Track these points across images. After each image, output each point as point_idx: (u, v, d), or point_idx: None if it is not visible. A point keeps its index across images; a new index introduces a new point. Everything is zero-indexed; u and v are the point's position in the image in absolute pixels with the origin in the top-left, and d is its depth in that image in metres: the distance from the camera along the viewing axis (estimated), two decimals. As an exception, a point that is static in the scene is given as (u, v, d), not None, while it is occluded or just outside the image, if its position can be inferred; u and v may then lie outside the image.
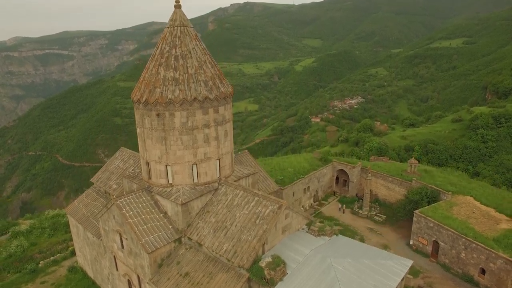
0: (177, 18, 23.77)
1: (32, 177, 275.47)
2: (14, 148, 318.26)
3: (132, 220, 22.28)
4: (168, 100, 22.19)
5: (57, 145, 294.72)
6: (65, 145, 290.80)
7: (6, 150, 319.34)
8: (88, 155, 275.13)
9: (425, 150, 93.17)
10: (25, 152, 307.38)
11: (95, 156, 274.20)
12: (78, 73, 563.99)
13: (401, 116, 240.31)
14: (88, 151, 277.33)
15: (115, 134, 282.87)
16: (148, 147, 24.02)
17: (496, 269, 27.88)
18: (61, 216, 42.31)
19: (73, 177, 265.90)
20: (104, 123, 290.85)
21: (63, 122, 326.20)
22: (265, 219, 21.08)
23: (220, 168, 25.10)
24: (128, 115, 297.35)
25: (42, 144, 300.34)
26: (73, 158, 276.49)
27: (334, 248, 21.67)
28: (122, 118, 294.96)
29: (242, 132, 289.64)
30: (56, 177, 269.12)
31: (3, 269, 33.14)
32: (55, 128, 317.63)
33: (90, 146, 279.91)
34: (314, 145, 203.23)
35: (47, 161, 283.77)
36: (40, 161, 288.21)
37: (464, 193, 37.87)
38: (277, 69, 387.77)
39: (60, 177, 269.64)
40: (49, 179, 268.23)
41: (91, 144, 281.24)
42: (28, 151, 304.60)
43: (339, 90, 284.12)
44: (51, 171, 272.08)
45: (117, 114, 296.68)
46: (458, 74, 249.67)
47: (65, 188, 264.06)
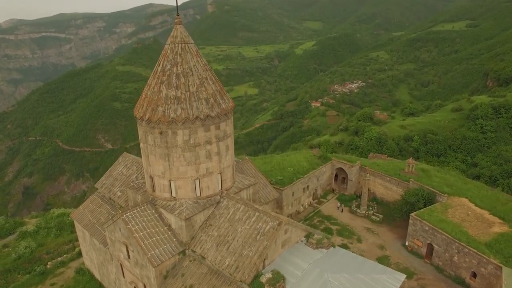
0: (177, 34, 23.90)
1: (33, 162, 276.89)
2: (14, 133, 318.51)
3: (138, 235, 23.18)
4: (171, 119, 22.67)
5: (57, 130, 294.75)
6: (65, 130, 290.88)
7: (6, 135, 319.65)
8: (88, 140, 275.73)
9: (424, 140, 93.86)
10: (25, 137, 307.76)
11: (95, 141, 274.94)
12: (76, 56, 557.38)
13: (401, 101, 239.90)
14: (88, 136, 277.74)
15: (114, 119, 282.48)
16: (151, 162, 24.66)
17: (487, 273, 29.08)
18: (66, 216, 43.40)
19: (74, 162, 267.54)
20: (104, 108, 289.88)
21: (63, 107, 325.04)
22: (266, 235, 21.97)
23: (221, 181, 25.84)
24: (127, 100, 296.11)
25: (42, 129, 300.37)
26: (73, 143, 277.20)
27: (331, 261, 22.67)
28: (122, 103, 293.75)
29: (242, 117, 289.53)
30: (56, 162, 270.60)
31: (14, 270, 34.43)
32: (54, 113, 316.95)
33: (90, 131, 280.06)
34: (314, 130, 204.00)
35: (47, 146, 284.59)
36: (40, 146, 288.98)
37: (459, 194, 38.80)
38: (277, 52, 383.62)
39: (61, 162, 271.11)
40: (50, 164, 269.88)
41: (91, 129, 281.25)
42: (28, 136, 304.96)
43: (339, 74, 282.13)
44: (52, 156, 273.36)
45: (116, 99, 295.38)
46: (460, 58, 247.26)
47: (66, 173, 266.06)
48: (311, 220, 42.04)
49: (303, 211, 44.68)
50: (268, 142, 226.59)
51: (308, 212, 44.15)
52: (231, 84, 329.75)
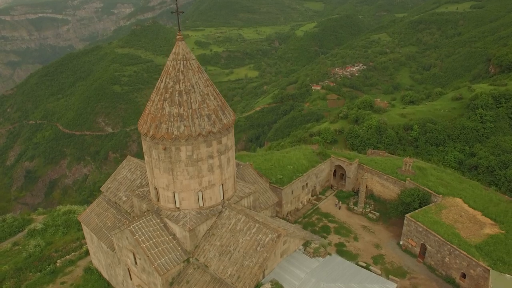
0: (179, 51, 24.35)
1: (34, 146, 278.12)
2: (14, 116, 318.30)
3: (145, 244, 24.45)
4: (174, 136, 23.47)
5: (57, 113, 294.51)
6: (65, 114, 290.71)
7: (6, 119, 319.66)
8: (89, 123, 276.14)
9: (423, 130, 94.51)
10: (25, 120, 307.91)
11: (96, 125, 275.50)
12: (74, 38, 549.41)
13: (403, 85, 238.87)
14: (88, 120, 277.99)
15: (114, 102, 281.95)
16: (156, 175, 25.64)
17: (476, 275, 30.60)
18: (72, 213, 44.84)
19: (75, 146, 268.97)
20: (103, 91, 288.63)
21: (62, 90, 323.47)
22: (265, 247, 23.22)
23: (223, 191, 26.90)
24: (127, 83, 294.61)
25: (42, 112, 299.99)
26: (73, 126, 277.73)
27: (327, 270, 24.04)
28: (121, 86, 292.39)
29: (242, 100, 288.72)
30: (57, 146, 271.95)
31: (25, 269, 36.08)
32: (54, 97, 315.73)
33: (90, 115, 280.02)
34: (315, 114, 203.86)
35: (48, 130, 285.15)
36: (41, 130, 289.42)
37: (454, 194, 39.97)
38: (278, 34, 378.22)
39: (62, 145, 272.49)
40: (51, 148, 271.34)
41: (91, 113, 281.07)
42: (29, 119, 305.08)
43: (340, 57, 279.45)
44: (53, 140, 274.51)
45: (116, 82, 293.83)
46: (463, 41, 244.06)
47: (67, 157, 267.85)
48: (310, 218, 43.41)
49: (302, 208, 46.03)
50: (268, 126, 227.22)
51: (307, 210, 45.48)
52: (231, 66, 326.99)
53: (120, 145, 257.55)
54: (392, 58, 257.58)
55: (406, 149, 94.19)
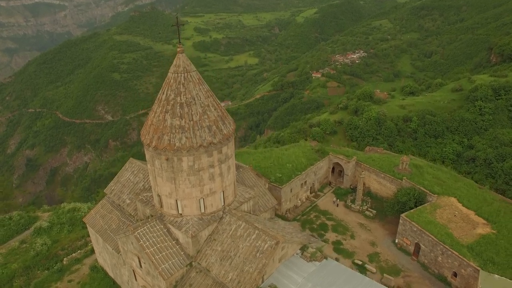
0: (180, 64, 24.83)
1: (34, 134, 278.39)
2: (13, 105, 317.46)
3: (150, 250, 25.53)
4: (176, 148, 24.22)
5: (57, 101, 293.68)
6: (65, 102, 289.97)
7: (5, 107, 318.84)
8: (88, 111, 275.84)
9: (422, 122, 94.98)
10: (24, 109, 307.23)
11: (95, 113, 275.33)
12: (71, 24, 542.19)
13: (403, 72, 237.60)
14: (88, 108, 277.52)
15: (114, 90, 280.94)
16: (159, 183, 26.51)
17: (466, 274, 31.89)
18: (77, 211, 46.01)
19: (75, 134, 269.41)
20: (103, 79, 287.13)
21: (61, 78, 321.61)
22: (264, 253, 24.30)
23: (224, 197, 27.84)
24: (126, 71, 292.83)
25: (41, 100, 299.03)
26: (73, 115, 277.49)
27: (322, 274, 25.21)
28: (121, 73, 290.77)
29: (242, 87, 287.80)
30: (58, 134, 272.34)
31: (33, 267, 37.44)
32: (53, 84, 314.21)
33: (90, 103, 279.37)
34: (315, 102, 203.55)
35: (47, 118, 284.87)
36: (40, 118, 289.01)
37: (449, 193, 41.00)
38: (278, 20, 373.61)
39: (62, 134, 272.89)
40: (51, 136, 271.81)
41: (91, 101, 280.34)
42: (28, 108, 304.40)
43: (341, 44, 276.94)
44: (53, 128, 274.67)
45: (115, 70, 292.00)
46: (465, 27, 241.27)
47: (67, 145, 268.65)
48: (308, 215, 44.58)
49: (300, 205, 47.14)
50: (268, 113, 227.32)
51: (305, 207, 46.61)
52: (231, 53, 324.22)
53: (120, 133, 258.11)
54: (393, 45, 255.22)
55: (405, 140, 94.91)
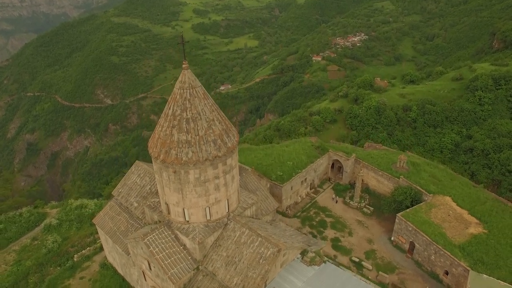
0: (186, 80, 25.61)
1: (34, 118, 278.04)
2: (11, 88, 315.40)
3: (159, 256, 27.10)
4: (183, 162, 25.35)
5: (55, 85, 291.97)
6: (63, 86, 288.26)
7: (3, 91, 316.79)
8: (87, 95, 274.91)
9: (422, 111, 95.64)
10: (23, 92, 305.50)
11: (95, 97, 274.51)
12: (68, 5, 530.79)
13: (405, 56, 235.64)
14: (87, 92, 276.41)
15: (113, 73, 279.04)
16: (166, 193, 27.80)
17: (457, 273, 33.74)
18: (84, 207, 47.63)
19: (75, 118, 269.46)
20: (101, 62, 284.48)
21: (58, 61, 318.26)
22: (267, 260, 25.88)
23: (228, 205, 29.21)
24: (125, 54, 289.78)
25: (39, 84, 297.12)
26: (72, 98, 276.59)
27: (321, 278, 26.90)
28: (119, 56, 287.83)
29: (242, 70, 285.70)
30: (57, 118, 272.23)
31: (46, 264, 39.31)
32: (51, 68, 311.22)
33: (89, 87, 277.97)
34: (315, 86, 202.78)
35: (46, 102, 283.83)
36: (39, 102, 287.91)
37: (445, 192, 42.48)
38: (278, 1, 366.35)
39: (62, 118, 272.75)
40: (51, 120, 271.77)
41: (90, 84, 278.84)
42: (27, 92, 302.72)
43: (342, 26, 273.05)
44: (52, 112, 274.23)
45: (113, 53, 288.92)
46: (469, 9, 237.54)
47: (67, 129, 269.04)
48: (308, 212, 46.20)
49: (300, 201, 48.70)
50: (268, 97, 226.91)
51: (305, 203, 48.17)
52: (231, 36, 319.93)
53: (120, 117, 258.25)
54: (395, 27, 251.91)
55: (404, 130, 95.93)
